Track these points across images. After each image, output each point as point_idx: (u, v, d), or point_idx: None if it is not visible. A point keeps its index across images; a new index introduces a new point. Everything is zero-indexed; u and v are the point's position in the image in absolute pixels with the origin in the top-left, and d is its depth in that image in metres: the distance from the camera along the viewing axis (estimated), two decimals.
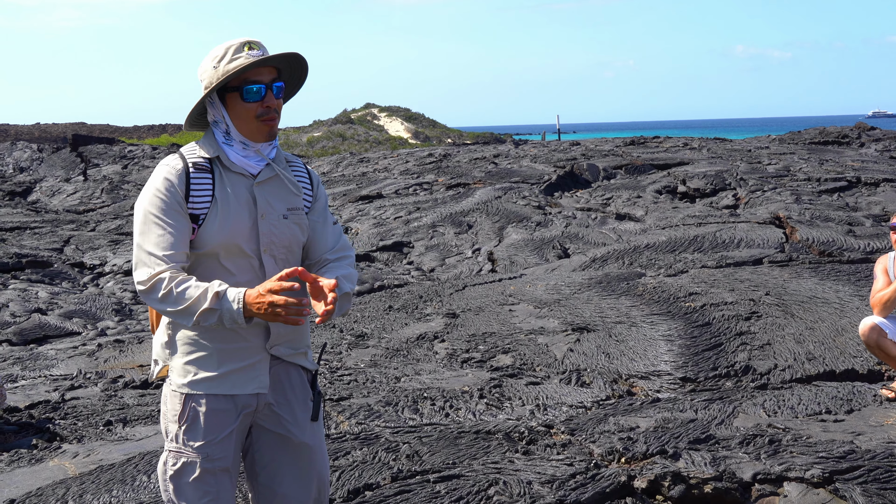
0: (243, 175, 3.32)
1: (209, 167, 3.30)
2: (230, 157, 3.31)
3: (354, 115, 76.40)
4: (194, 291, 3.11)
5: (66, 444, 6.32)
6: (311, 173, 3.51)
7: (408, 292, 11.37)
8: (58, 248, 16.69)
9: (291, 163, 3.47)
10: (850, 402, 6.78)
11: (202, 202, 3.25)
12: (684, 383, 7.52)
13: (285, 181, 3.36)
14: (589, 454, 5.64)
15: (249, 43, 3.29)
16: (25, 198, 25.61)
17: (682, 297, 9.46)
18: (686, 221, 14.51)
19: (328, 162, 26.75)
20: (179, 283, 3.13)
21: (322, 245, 3.46)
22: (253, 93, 3.26)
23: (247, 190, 3.30)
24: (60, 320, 11.31)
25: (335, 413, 6.68)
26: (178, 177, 3.25)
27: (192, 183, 3.25)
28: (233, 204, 3.27)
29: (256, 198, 3.30)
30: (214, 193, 3.27)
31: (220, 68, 3.27)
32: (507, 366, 8.17)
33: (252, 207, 3.29)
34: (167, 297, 3.13)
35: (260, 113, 3.28)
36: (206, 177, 3.28)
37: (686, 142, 24.49)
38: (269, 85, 3.29)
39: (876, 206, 15.28)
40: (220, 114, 3.32)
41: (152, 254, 3.18)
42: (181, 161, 3.29)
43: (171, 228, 3.20)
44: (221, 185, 3.28)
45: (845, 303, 8.96)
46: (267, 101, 3.28)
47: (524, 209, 16.58)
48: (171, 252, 3.18)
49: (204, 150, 3.31)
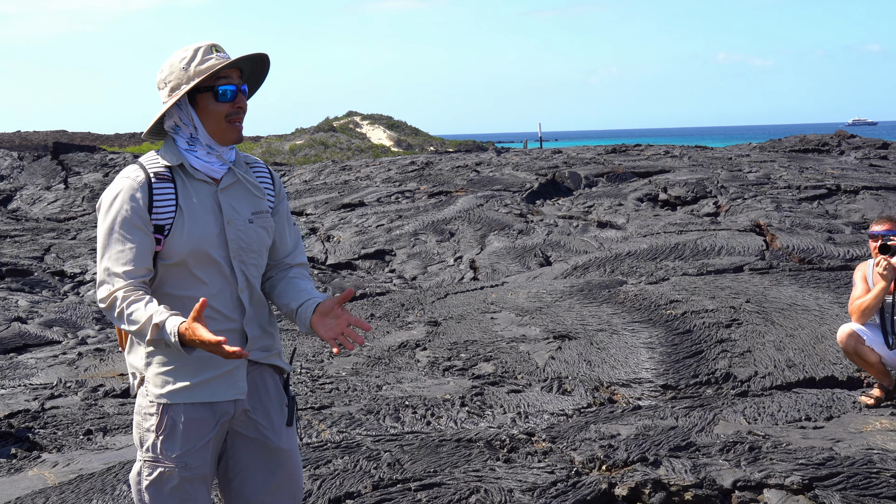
0: (206, 182, 3.31)
1: (171, 176, 3.27)
2: (193, 164, 3.30)
3: (337, 123, 76.34)
4: (140, 316, 3.10)
5: (45, 453, 6.29)
6: (273, 174, 3.52)
7: (389, 300, 11.36)
8: (38, 256, 16.60)
9: (252, 165, 3.47)
10: (829, 408, 6.81)
11: (166, 212, 3.23)
12: (665, 391, 7.54)
13: (248, 185, 3.37)
14: (570, 462, 5.65)
15: (214, 45, 3.32)
16: (6, 206, 25.47)
17: (663, 304, 9.49)
18: (667, 229, 14.56)
19: (310, 170, 26.71)
20: (130, 303, 3.13)
21: (283, 248, 3.49)
22: (226, 93, 3.28)
23: (211, 197, 3.29)
24: (40, 329, 11.24)
25: (316, 422, 6.67)
26: (140, 188, 3.22)
27: (155, 193, 3.23)
28: (198, 211, 3.26)
29: (221, 204, 3.30)
30: (178, 202, 3.25)
31: (190, 69, 3.27)
32: (489, 374, 8.17)
33: (218, 214, 3.29)
34: (121, 316, 3.15)
35: (230, 113, 3.29)
36: (168, 186, 3.26)
37: (667, 150, 24.58)
38: (239, 86, 3.32)
39: (855, 214, 15.38)
40: (188, 116, 3.30)
41: (110, 271, 3.18)
42: (142, 172, 3.26)
43: (130, 244, 3.18)
44: (185, 193, 3.27)
45: (825, 310, 9.01)
46: (238, 102, 3.31)
47: (506, 217, 16.60)
48: (130, 268, 3.17)
49: (165, 159, 3.29)
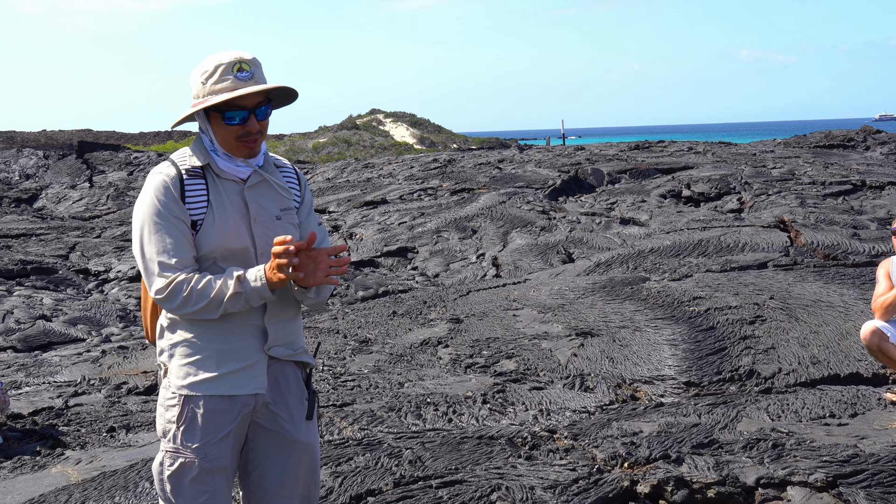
0: (234, 181, 3.35)
1: (202, 173, 3.33)
2: (219, 165, 3.34)
3: (360, 121, 76.45)
4: (215, 283, 3.20)
5: (69, 450, 6.33)
6: (299, 175, 3.56)
7: (412, 298, 11.36)
8: (63, 254, 16.71)
9: (280, 166, 3.50)
10: (854, 405, 6.76)
11: (199, 207, 3.29)
12: (688, 388, 7.50)
13: (274, 184, 3.40)
14: (592, 459, 5.62)
15: (241, 63, 3.28)
16: (31, 204, 25.66)
17: (686, 301, 9.44)
18: (690, 226, 14.49)
19: (333, 168, 26.76)
20: (198, 281, 3.21)
21: None
22: (234, 118, 3.29)
23: (238, 195, 3.34)
24: (65, 327, 11.32)
25: (338, 419, 6.67)
26: (173, 183, 3.27)
27: (187, 189, 3.28)
28: (228, 208, 3.31)
29: (248, 202, 3.34)
30: (209, 198, 3.30)
31: (207, 86, 3.29)
32: (511, 371, 8.16)
33: (245, 212, 3.33)
34: (189, 298, 3.21)
35: (241, 135, 3.31)
36: (199, 182, 3.31)
37: (691, 146, 24.46)
38: (252, 110, 3.30)
39: (881, 210, 15.25)
40: (205, 126, 3.35)
41: (163, 262, 3.23)
42: (174, 168, 3.32)
43: (176, 233, 3.24)
44: (215, 189, 3.32)
45: (850, 306, 8.94)
46: (248, 127, 3.30)
47: (528, 214, 16.57)
48: (181, 258, 3.23)
49: (195, 158, 3.34)
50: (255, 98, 3.31)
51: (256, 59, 3.33)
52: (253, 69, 3.30)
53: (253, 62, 3.30)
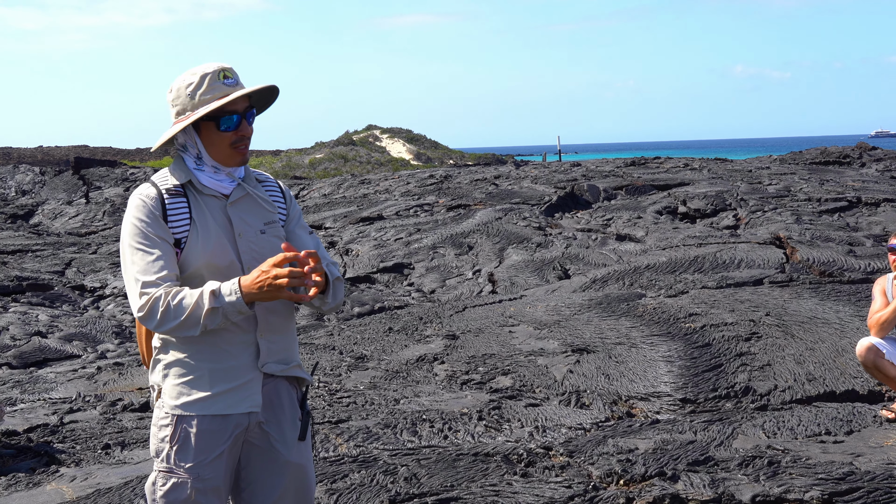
0: (216, 197, 3.36)
1: (182, 192, 3.34)
2: (202, 181, 3.35)
3: (356, 137, 76.49)
4: (190, 299, 3.16)
5: (63, 467, 6.31)
6: (284, 189, 3.57)
7: (408, 314, 11.36)
8: (59, 270, 16.70)
9: (262, 181, 3.52)
10: (849, 423, 6.76)
11: (182, 225, 3.30)
12: (684, 404, 7.50)
13: (257, 198, 3.41)
14: (587, 476, 5.62)
15: (224, 71, 3.34)
16: (27, 220, 25.65)
17: (682, 317, 9.45)
18: (686, 242, 14.50)
19: (329, 184, 26.79)
20: (174, 296, 3.18)
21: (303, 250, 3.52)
22: (229, 124, 3.31)
23: (221, 211, 3.35)
24: (60, 343, 11.30)
25: (333, 435, 6.67)
26: (153, 204, 3.29)
27: (169, 208, 3.30)
28: (211, 225, 3.31)
29: (231, 218, 3.35)
30: (192, 216, 3.31)
31: (196, 98, 3.31)
32: (507, 387, 8.16)
33: (228, 227, 3.34)
34: (166, 314, 3.18)
35: (234, 141, 3.33)
36: (181, 201, 3.32)
37: (687, 162, 24.51)
38: (243, 114, 3.34)
39: (877, 226, 15.28)
40: (192, 140, 3.36)
41: (143, 281, 3.23)
42: (154, 188, 3.33)
43: (157, 252, 3.24)
44: (197, 207, 3.33)
45: (846, 323, 8.95)
46: (241, 131, 3.34)
47: (525, 230, 16.59)
48: (163, 274, 3.22)
49: (175, 177, 3.35)
50: (244, 102, 3.35)
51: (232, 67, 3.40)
52: (235, 76, 3.37)
53: (232, 70, 3.37)
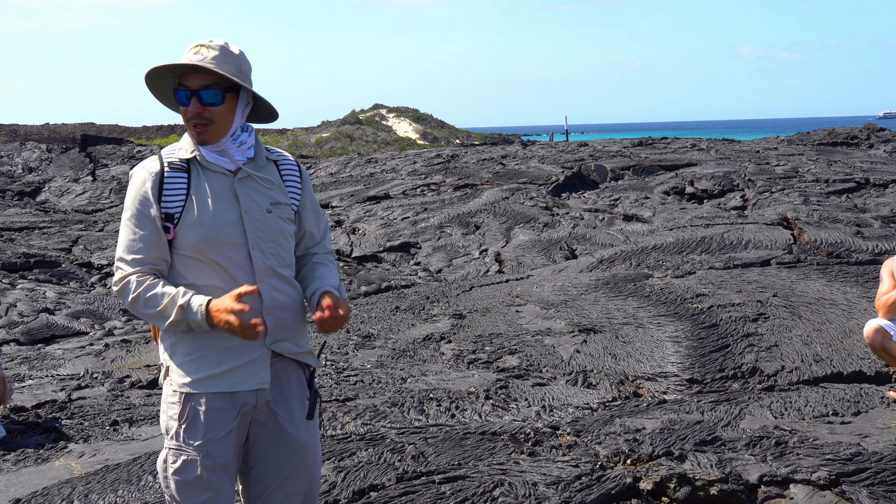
0: (223, 174, 3.34)
1: (186, 167, 3.32)
2: (206, 157, 3.33)
3: (363, 116, 76.35)
4: (160, 300, 3.21)
5: (72, 443, 6.33)
6: (301, 169, 3.55)
7: (415, 293, 11.36)
8: (66, 248, 16.72)
9: (279, 160, 3.48)
10: (857, 403, 6.75)
11: (176, 201, 3.28)
12: (691, 385, 7.50)
13: (259, 181, 3.37)
14: (594, 456, 5.62)
15: (202, 45, 3.27)
16: (34, 198, 25.68)
17: (689, 298, 9.44)
18: (694, 223, 14.48)
19: (336, 163, 26.75)
20: (147, 288, 3.23)
21: (310, 238, 3.57)
22: (181, 97, 3.30)
23: (227, 187, 3.33)
24: (68, 320, 11.33)
25: (341, 414, 6.68)
26: (151, 179, 3.29)
27: (166, 183, 3.29)
28: (212, 200, 3.29)
29: (239, 194, 3.32)
30: (189, 191, 3.29)
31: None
32: (514, 367, 8.16)
33: (235, 204, 3.32)
34: (137, 301, 3.25)
35: (189, 118, 3.30)
36: (180, 176, 3.31)
37: (694, 143, 24.44)
38: (194, 91, 3.27)
39: (884, 208, 15.24)
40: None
41: (122, 258, 3.29)
42: (157, 163, 3.33)
43: (140, 232, 3.26)
44: (198, 182, 3.31)
45: (853, 304, 8.93)
46: (193, 108, 3.28)
47: (531, 210, 16.56)
48: (140, 256, 3.25)
49: (182, 150, 3.35)
50: (199, 80, 3.26)
51: (228, 49, 3.29)
52: (209, 54, 3.26)
53: (216, 48, 3.27)
